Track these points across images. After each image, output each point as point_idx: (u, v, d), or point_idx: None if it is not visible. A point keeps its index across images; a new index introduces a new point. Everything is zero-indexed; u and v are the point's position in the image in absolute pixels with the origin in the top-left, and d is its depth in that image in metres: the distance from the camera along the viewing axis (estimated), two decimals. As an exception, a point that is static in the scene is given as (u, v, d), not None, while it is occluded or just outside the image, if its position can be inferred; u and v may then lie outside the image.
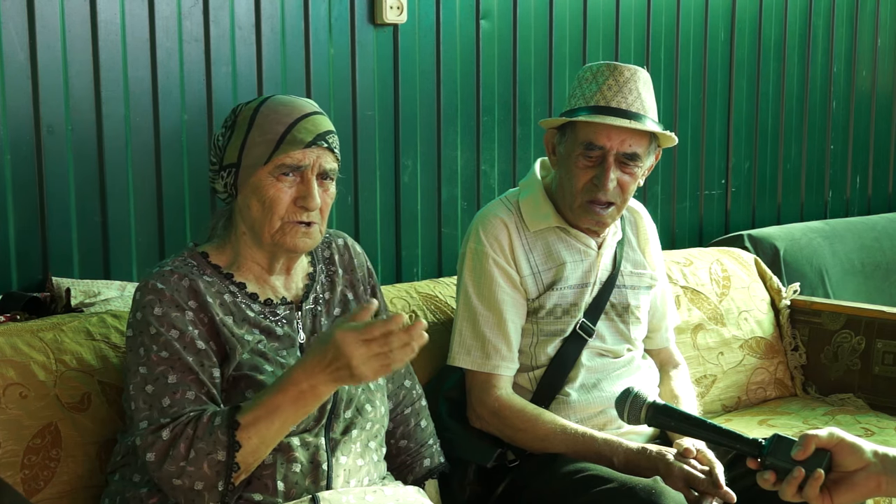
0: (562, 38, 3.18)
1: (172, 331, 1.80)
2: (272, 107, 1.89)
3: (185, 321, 1.82)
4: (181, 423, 1.74)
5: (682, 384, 2.46)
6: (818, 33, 3.94)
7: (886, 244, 3.82)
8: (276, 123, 1.86)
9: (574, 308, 2.32)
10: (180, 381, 1.78)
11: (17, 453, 1.92)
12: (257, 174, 1.86)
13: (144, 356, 1.80)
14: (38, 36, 2.28)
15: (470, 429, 2.30)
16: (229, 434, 1.71)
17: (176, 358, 1.79)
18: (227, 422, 1.72)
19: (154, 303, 1.82)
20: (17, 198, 2.30)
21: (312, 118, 1.89)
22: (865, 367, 3.02)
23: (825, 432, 1.53)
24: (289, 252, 1.91)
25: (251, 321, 1.89)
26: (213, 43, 2.53)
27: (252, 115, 1.89)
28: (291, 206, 1.86)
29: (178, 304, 1.82)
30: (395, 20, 2.79)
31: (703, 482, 2.05)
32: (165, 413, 1.75)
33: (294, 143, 1.85)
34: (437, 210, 2.99)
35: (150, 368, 1.79)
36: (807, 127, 3.95)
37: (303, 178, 1.87)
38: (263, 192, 1.86)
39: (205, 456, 1.71)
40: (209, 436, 1.71)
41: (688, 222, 3.63)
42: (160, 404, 1.76)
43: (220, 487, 1.72)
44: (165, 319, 1.81)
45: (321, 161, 1.88)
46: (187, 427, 1.73)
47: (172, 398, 1.76)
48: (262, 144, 1.86)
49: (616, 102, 2.21)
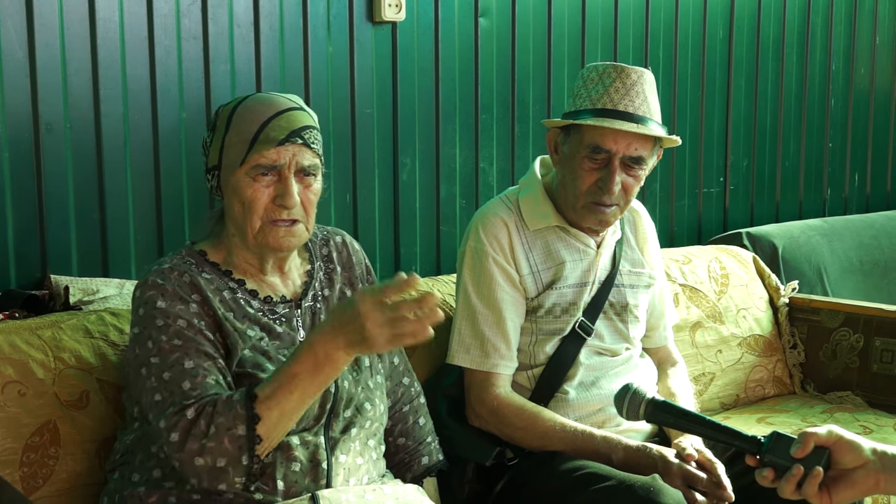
0: (560, 36, 3.18)
1: (180, 321, 1.78)
2: (248, 105, 1.88)
3: (190, 313, 1.80)
4: (205, 402, 1.71)
5: (681, 382, 2.47)
6: (817, 31, 3.93)
7: (885, 242, 3.82)
8: (250, 123, 1.85)
9: (573, 307, 2.32)
10: (198, 365, 1.75)
11: (16, 451, 1.92)
12: (235, 175, 1.85)
13: (154, 348, 1.77)
14: (37, 34, 2.28)
15: (469, 427, 2.30)
16: (248, 407, 1.67)
17: (190, 345, 1.77)
18: (245, 396, 1.69)
19: (156, 297, 1.80)
20: (16, 196, 2.30)
21: (287, 115, 1.86)
22: (864, 365, 3.02)
23: (824, 430, 1.53)
24: (274, 251, 1.90)
25: (251, 318, 1.88)
26: (211, 41, 2.52)
27: (229, 116, 1.88)
28: (270, 205, 1.85)
29: (182, 297, 1.81)
30: (393, 18, 2.79)
31: (703, 481, 2.05)
32: (188, 395, 1.72)
33: (267, 141, 1.83)
34: (436, 208, 2.99)
35: (164, 357, 1.76)
36: (805, 125, 3.95)
37: (280, 176, 1.85)
38: (242, 192, 1.85)
39: (225, 431, 1.67)
40: (228, 411, 1.68)
41: (686, 220, 3.63)
42: (181, 388, 1.73)
43: (244, 462, 1.68)
44: (171, 311, 1.79)
45: (297, 158, 1.85)
46: (208, 405, 1.70)
47: (193, 381, 1.74)
48: (237, 145, 1.85)
49: (623, 106, 2.20)
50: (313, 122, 1.90)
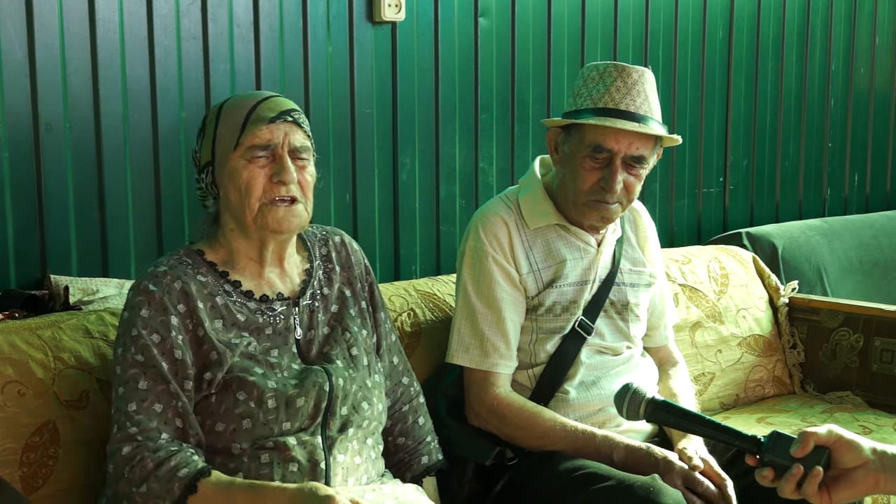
0: (560, 36, 3.18)
1: (154, 335, 1.81)
2: (234, 100, 1.94)
3: (169, 326, 1.82)
4: (147, 447, 1.74)
5: (681, 382, 2.47)
6: (816, 31, 3.94)
7: (884, 242, 3.82)
8: (240, 109, 1.89)
9: (573, 305, 2.32)
10: (150, 388, 1.79)
11: (16, 451, 1.92)
12: (230, 162, 1.87)
13: (121, 357, 1.82)
14: (37, 34, 2.28)
15: (468, 426, 2.30)
16: (183, 492, 1.71)
17: (150, 365, 1.79)
18: (188, 479, 1.72)
19: (143, 304, 1.83)
20: (16, 196, 2.30)
21: (273, 99, 1.91)
22: (863, 365, 3.02)
23: (824, 429, 1.53)
24: (275, 234, 1.90)
25: (240, 325, 1.88)
26: (211, 41, 2.52)
27: (217, 112, 1.92)
28: (268, 184, 1.86)
29: (166, 308, 1.82)
30: (393, 18, 2.79)
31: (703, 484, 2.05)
32: (131, 419, 1.76)
33: (258, 121, 1.86)
34: (436, 208, 2.99)
35: (124, 370, 1.81)
36: (805, 125, 3.95)
37: (274, 155, 1.87)
38: (238, 176, 1.86)
39: (153, 498, 1.72)
40: (167, 481, 1.72)
41: (686, 220, 3.63)
42: (126, 408, 1.78)
43: None
44: (150, 322, 1.81)
45: (290, 137, 1.88)
46: (146, 451, 1.74)
47: (139, 405, 1.78)
48: (229, 132, 1.88)
49: (625, 105, 2.20)
50: (299, 109, 1.94)
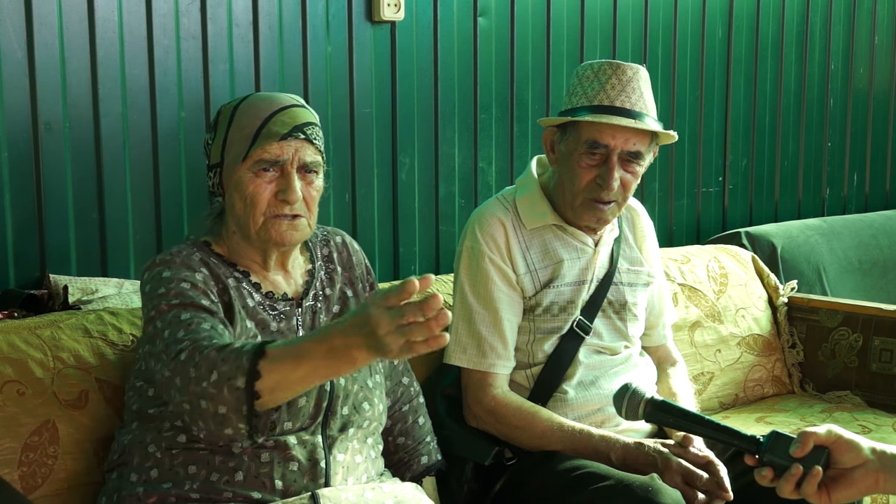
0: (559, 36, 3.18)
1: (184, 283, 1.79)
2: (250, 103, 1.89)
3: (195, 279, 1.80)
4: (199, 344, 1.67)
5: (680, 381, 2.47)
6: (816, 31, 3.94)
7: (884, 241, 3.82)
8: (253, 118, 1.86)
9: (571, 305, 2.32)
10: (194, 315, 1.74)
11: (15, 450, 1.92)
12: (238, 171, 1.86)
13: (156, 314, 1.77)
14: (36, 33, 2.28)
15: (468, 427, 2.30)
16: (253, 362, 1.61)
17: (188, 302, 1.76)
18: (254, 350, 1.62)
19: (163, 269, 1.81)
20: (15, 195, 2.30)
21: (289, 111, 1.87)
22: (863, 365, 3.02)
23: (823, 429, 1.53)
24: (277, 246, 1.90)
25: (249, 311, 1.89)
26: (210, 40, 2.53)
27: (231, 113, 1.89)
28: (273, 200, 1.85)
29: (190, 266, 1.82)
30: (392, 17, 2.79)
31: (702, 479, 2.05)
32: (181, 341, 1.70)
33: (270, 136, 1.84)
34: (435, 207, 2.99)
35: (164, 318, 1.75)
36: (804, 124, 3.95)
37: (283, 171, 1.85)
38: (244, 188, 1.85)
39: (225, 381, 1.62)
40: (234, 359, 1.62)
41: (685, 220, 3.64)
42: (175, 338, 1.71)
43: (244, 411, 1.63)
44: (175, 276, 1.79)
45: (300, 154, 1.86)
46: (204, 349, 1.65)
47: (187, 329, 1.72)
48: (240, 141, 1.85)
49: (620, 102, 2.21)
50: (315, 120, 1.91)
